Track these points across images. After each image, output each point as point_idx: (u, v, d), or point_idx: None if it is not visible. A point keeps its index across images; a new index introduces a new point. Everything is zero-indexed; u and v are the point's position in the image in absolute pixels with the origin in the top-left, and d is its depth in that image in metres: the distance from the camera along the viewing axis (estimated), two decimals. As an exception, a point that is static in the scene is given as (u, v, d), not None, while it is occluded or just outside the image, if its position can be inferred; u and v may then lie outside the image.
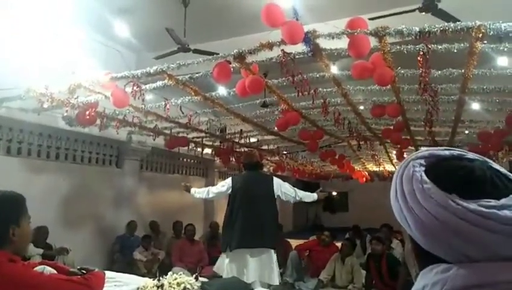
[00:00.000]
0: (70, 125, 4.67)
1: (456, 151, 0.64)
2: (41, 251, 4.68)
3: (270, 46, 3.02)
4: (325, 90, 4.24)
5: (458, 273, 0.55)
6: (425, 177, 0.59)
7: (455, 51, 2.88)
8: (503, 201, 0.55)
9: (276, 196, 4.05)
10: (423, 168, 0.61)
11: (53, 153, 5.82)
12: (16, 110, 4.53)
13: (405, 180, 0.62)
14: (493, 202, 0.55)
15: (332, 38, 2.83)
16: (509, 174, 0.61)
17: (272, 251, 3.90)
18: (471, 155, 0.64)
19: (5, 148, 5.18)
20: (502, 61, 3.39)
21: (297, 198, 4.22)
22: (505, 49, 2.83)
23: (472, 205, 0.55)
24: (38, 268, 1.68)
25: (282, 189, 4.11)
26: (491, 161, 0.63)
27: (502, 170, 0.62)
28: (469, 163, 0.61)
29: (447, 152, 0.64)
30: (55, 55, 4.56)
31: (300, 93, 3.69)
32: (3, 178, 4.61)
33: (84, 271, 1.80)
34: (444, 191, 0.57)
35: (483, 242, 0.54)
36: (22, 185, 4.74)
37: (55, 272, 1.72)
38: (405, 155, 7.40)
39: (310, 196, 4.36)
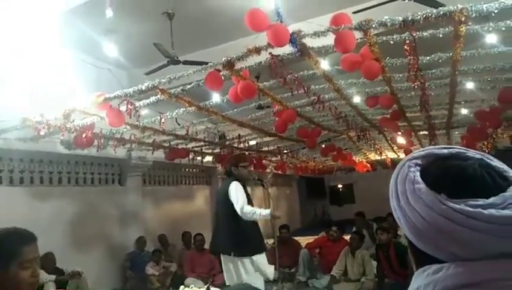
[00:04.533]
0: (69, 149, 4.69)
1: (454, 150, 0.64)
2: (53, 277, 4.69)
3: (257, 50, 3.03)
4: (317, 87, 4.26)
5: (447, 274, 0.56)
6: (418, 178, 0.60)
7: (441, 36, 2.88)
8: (491, 200, 0.55)
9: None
10: (419, 168, 0.62)
11: (55, 178, 5.84)
12: (14, 141, 4.56)
13: (399, 181, 0.63)
14: (481, 201, 0.55)
15: (318, 36, 2.85)
16: (506, 170, 0.61)
17: (231, 257, 3.69)
18: (470, 153, 0.63)
19: (7, 179, 5.21)
20: (490, 38, 3.40)
21: (238, 211, 3.64)
22: (490, 29, 2.83)
23: (458, 205, 0.55)
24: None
25: (231, 196, 3.75)
26: (489, 157, 0.63)
27: (500, 166, 0.62)
28: (463, 162, 0.61)
29: (445, 151, 0.64)
30: (47, 81, 4.59)
31: (296, 91, 3.72)
32: (9, 209, 4.65)
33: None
34: (433, 191, 0.58)
35: (469, 241, 0.55)
36: (28, 214, 4.79)
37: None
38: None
39: (251, 214, 3.62)
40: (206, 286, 2.60)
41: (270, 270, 3.82)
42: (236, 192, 3.72)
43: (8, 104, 4.09)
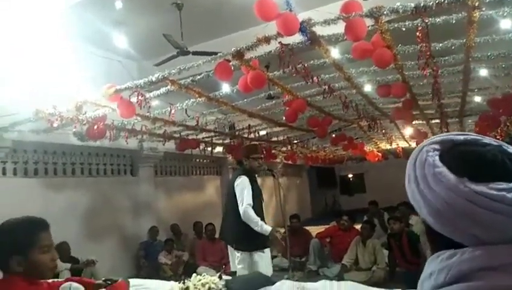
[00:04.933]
0: (82, 141, 4.75)
1: (470, 136, 0.65)
2: (68, 265, 4.80)
3: (267, 40, 3.01)
4: (327, 76, 4.22)
5: (463, 259, 0.56)
6: (437, 162, 0.61)
7: (454, 22, 2.83)
8: None
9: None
10: (437, 153, 0.63)
11: (69, 170, 5.94)
12: (28, 133, 4.63)
13: (418, 165, 0.63)
14: (504, 185, 0.56)
15: (328, 24, 2.81)
16: None
17: (232, 248, 3.73)
18: (486, 140, 0.64)
19: (22, 171, 5.31)
20: (504, 24, 3.32)
21: (241, 211, 3.56)
22: (505, 14, 2.77)
23: (481, 188, 0.56)
24: (64, 286, 1.72)
25: (236, 192, 3.68)
26: (506, 145, 0.64)
27: None
28: (482, 148, 0.62)
29: (461, 137, 0.65)
30: (59, 74, 4.64)
31: (305, 81, 3.69)
32: (24, 200, 4.75)
33: (109, 282, 1.85)
34: (455, 175, 0.58)
35: (491, 224, 0.55)
36: (43, 204, 4.88)
37: (81, 287, 1.76)
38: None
39: (253, 222, 3.52)
40: (218, 274, 2.63)
41: (269, 271, 3.60)
42: (241, 191, 3.60)
43: (21, 97, 4.15)
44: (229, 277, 2.72)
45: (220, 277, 2.59)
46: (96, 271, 4.93)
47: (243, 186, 3.63)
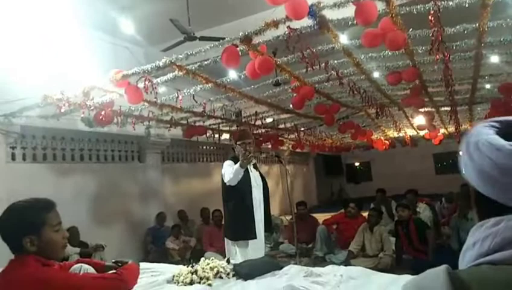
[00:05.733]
0: (90, 126, 4.77)
1: None
2: (78, 249, 4.88)
3: (275, 24, 2.98)
4: (336, 62, 4.17)
5: (507, 226, 0.55)
6: (491, 132, 0.62)
7: (467, 5, 2.76)
8: None
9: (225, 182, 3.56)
10: (495, 129, 0.64)
11: (77, 155, 5.99)
12: (36, 118, 4.66)
13: (473, 135, 0.64)
14: None
15: (338, 7, 2.77)
16: None
17: (224, 235, 3.70)
18: None
19: (31, 156, 5.36)
20: (518, 8, 3.24)
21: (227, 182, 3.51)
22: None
23: None
24: (75, 267, 1.76)
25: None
26: None
27: None
28: None
29: None
30: (66, 59, 4.64)
31: (311, 68, 3.64)
32: (33, 184, 4.81)
33: (120, 264, 1.88)
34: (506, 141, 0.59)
35: None
36: (52, 189, 4.94)
37: (92, 269, 1.79)
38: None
39: (232, 173, 3.43)
40: (226, 258, 2.65)
41: None
42: (224, 169, 3.54)
43: (29, 82, 4.16)
44: (236, 261, 2.74)
45: (228, 261, 2.61)
46: (105, 256, 5.01)
47: (225, 167, 3.55)
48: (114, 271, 1.75)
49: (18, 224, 1.47)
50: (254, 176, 3.69)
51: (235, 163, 3.54)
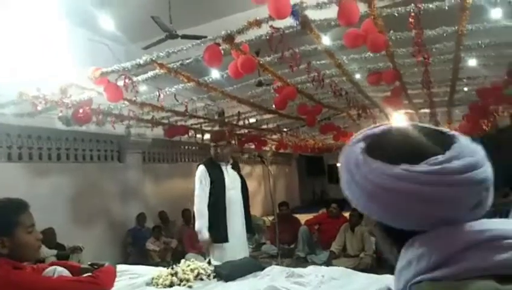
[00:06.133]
0: (67, 125, 4.64)
1: (383, 126, 0.65)
2: (55, 251, 4.75)
3: (258, 23, 2.96)
4: (318, 62, 4.18)
5: (441, 243, 0.53)
6: (369, 158, 0.59)
7: (446, 8, 2.81)
8: (448, 154, 0.55)
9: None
10: (362, 146, 0.62)
11: (54, 155, 5.82)
12: (11, 116, 4.50)
13: (348, 159, 0.62)
14: (440, 158, 0.55)
15: (320, 8, 2.77)
16: (439, 128, 0.63)
17: None
18: (401, 125, 0.64)
19: (5, 155, 5.19)
20: (495, 13, 3.31)
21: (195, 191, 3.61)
22: (497, 1, 2.75)
23: (422, 167, 0.54)
24: (49, 270, 1.69)
25: None
26: (418, 123, 0.65)
27: (431, 126, 0.64)
28: (401, 131, 0.62)
29: (376, 129, 0.64)
30: (44, 56, 4.50)
31: (293, 69, 3.64)
32: (8, 185, 4.64)
33: (96, 266, 1.82)
34: (393, 165, 0.56)
35: (448, 199, 0.53)
36: (27, 190, 4.78)
37: (66, 271, 1.73)
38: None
39: (198, 216, 3.51)
40: (207, 260, 2.62)
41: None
42: (196, 181, 3.56)
43: (4, 79, 4.02)
44: (219, 263, 2.71)
45: (209, 263, 2.57)
46: (83, 258, 4.87)
47: (197, 177, 3.56)
48: (90, 274, 1.70)
49: None
50: (230, 177, 3.61)
51: (210, 165, 3.56)
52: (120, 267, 2.39)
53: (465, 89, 5.71)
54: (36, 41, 4.55)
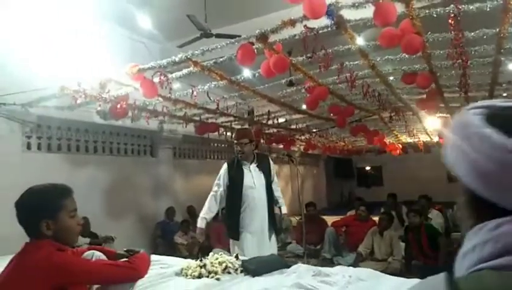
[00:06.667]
0: (105, 119, 4.82)
1: (505, 100, 0.62)
2: (88, 240, 4.94)
3: (292, 23, 2.98)
4: (351, 63, 4.14)
5: (509, 230, 0.52)
6: (483, 123, 0.57)
7: (488, 9, 2.72)
8: None
9: None
10: (481, 116, 0.59)
11: (91, 147, 6.07)
12: (53, 109, 4.73)
13: (461, 127, 0.60)
14: None
15: (357, 8, 2.75)
16: None
17: None
18: None
19: (46, 146, 5.45)
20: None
21: None
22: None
23: None
24: (87, 254, 1.77)
25: None
26: None
27: None
28: None
29: (505, 103, 0.61)
30: (85, 52, 4.70)
31: (325, 69, 3.63)
32: (47, 174, 4.85)
33: (131, 253, 1.90)
34: (503, 135, 0.54)
35: None
36: (65, 180, 4.93)
37: (103, 256, 1.81)
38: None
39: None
40: (234, 254, 2.66)
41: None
42: (220, 174, 3.70)
43: (47, 73, 4.23)
44: (246, 258, 2.75)
45: (237, 257, 2.62)
46: (114, 248, 5.05)
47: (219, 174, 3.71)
48: (126, 259, 1.77)
49: (36, 207, 1.50)
50: (253, 175, 3.58)
51: (232, 164, 3.61)
52: (152, 257, 2.47)
53: (504, 94, 5.48)
54: (78, 39, 4.76)
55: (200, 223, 3.66)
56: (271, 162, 3.78)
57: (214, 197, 3.67)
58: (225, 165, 3.69)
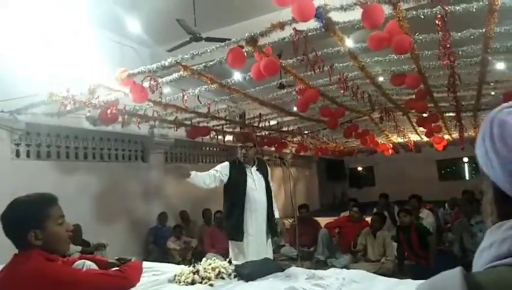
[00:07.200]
0: (94, 125, 4.79)
1: None
2: (79, 248, 4.88)
3: (281, 26, 2.98)
4: (341, 65, 4.17)
5: None
6: None
7: (474, 10, 2.76)
8: None
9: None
10: None
11: (81, 154, 6.01)
12: (41, 115, 4.67)
13: (496, 124, 0.59)
14: None
15: (345, 10, 2.77)
16: None
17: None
18: None
19: (35, 153, 5.38)
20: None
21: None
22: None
23: None
24: (78, 263, 1.75)
25: None
26: None
27: None
28: None
29: None
30: (73, 57, 4.66)
31: (316, 71, 3.64)
32: (36, 182, 4.81)
33: (122, 261, 1.87)
34: None
35: None
36: (55, 187, 4.94)
37: (94, 265, 1.78)
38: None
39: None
40: (228, 259, 2.65)
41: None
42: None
43: (35, 79, 4.18)
44: (239, 262, 2.73)
45: (230, 262, 2.60)
46: (107, 255, 5.00)
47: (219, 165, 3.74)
48: (117, 268, 1.75)
49: (22, 219, 1.47)
50: (254, 178, 3.70)
51: (234, 165, 3.70)
52: (144, 264, 2.44)
53: (493, 93, 5.56)
54: (67, 44, 4.72)
55: (194, 174, 3.74)
56: (268, 167, 3.90)
57: (214, 175, 3.74)
58: (227, 163, 3.78)
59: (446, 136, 9.55)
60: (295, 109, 5.85)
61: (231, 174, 3.68)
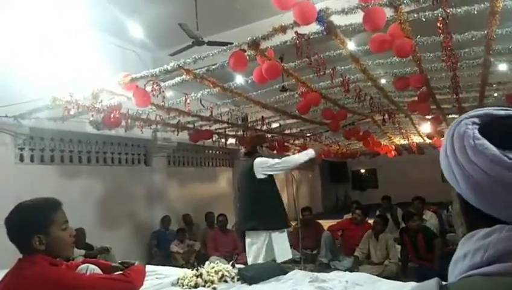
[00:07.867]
0: (98, 129, 4.81)
1: (504, 110, 0.62)
2: (83, 251, 4.90)
3: (283, 29, 2.99)
4: (343, 67, 4.17)
5: (501, 237, 0.52)
6: (477, 134, 0.58)
7: (475, 12, 2.76)
8: None
9: (258, 178, 3.71)
10: (476, 126, 0.60)
11: (84, 158, 6.03)
12: (45, 120, 4.70)
13: (456, 137, 0.60)
14: None
15: (346, 14, 2.78)
16: None
17: (246, 232, 3.72)
18: None
19: (38, 157, 5.41)
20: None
21: (278, 167, 3.70)
22: (529, 4, 2.69)
23: None
24: (82, 267, 1.76)
25: (260, 168, 3.71)
26: None
27: None
28: None
29: (502, 112, 0.62)
30: (76, 62, 4.69)
31: (318, 74, 3.65)
32: (40, 186, 4.85)
33: (126, 265, 1.88)
34: (496, 148, 0.55)
35: None
36: (58, 191, 4.96)
37: (98, 269, 1.79)
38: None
39: (300, 157, 3.87)
40: (231, 263, 2.65)
41: (285, 254, 3.62)
42: (266, 159, 3.74)
43: (39, 84, 4.21)
44: (242, 265, 2.74)
45: (233, 265, 2.60)
46: (110, 258, 5.01)
47: (265, 159, 3.73)
48: (121, 272, 1.76)
49: (26, 224, 1.48)
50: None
51: None
52: (147, 268, 2.45)
53: (495, 94, 5.54)
54: (69, 49, 4.75)
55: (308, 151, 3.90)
56: None
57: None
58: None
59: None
60: (297, 111, 5.86)
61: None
